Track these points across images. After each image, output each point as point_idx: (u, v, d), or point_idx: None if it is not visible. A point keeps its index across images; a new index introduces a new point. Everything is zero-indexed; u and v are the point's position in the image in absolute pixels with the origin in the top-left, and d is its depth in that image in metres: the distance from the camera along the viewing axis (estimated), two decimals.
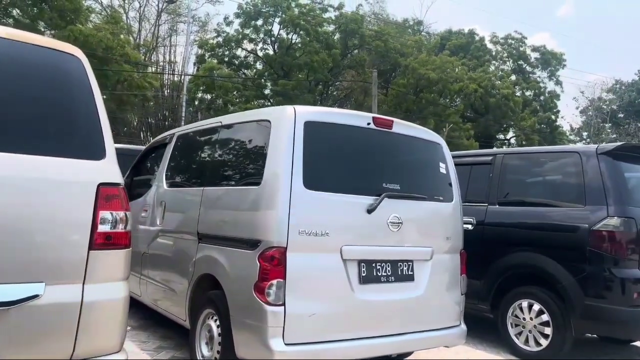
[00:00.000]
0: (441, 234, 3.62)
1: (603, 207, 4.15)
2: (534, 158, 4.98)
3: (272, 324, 2.85)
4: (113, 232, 2.09)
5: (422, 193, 3.54)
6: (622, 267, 4.04)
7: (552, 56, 42.89)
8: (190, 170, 4.20)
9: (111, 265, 2.11)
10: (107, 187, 2.10)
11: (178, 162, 4.33)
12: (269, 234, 2.93)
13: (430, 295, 3.46)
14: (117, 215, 2.12)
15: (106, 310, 2.08)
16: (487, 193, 5.02)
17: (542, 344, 4.39)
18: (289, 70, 34.62)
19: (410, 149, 3.63)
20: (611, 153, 4.32)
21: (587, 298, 4.11)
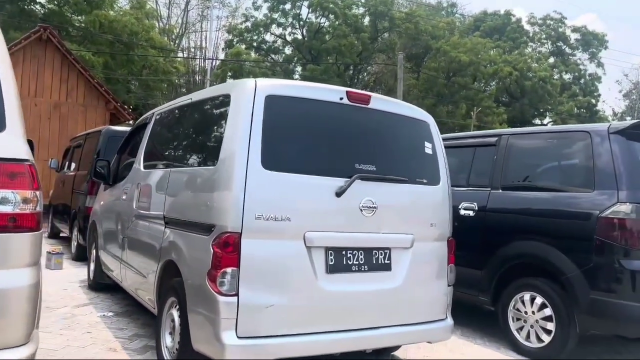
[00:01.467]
0: (424, 220, 3.32)
1: (613, 192, 3.75)
2: (542, 138, 4.56)
3: (224, 316, 2.63)
4: (17, 213, 1.90)
5: (402, 175, 3.23)
6: (633, 258, 3.64)
7: (594, 37, 41.02)
8: (161, 151, 4.01)
9: (15, 250, 1.92)
10: (8, 163, 1.90)
11: (153, 143, 4.15)
12: (222, 218, 2.71)
13: (410, 286, 3.17)
14: (22, 195, 1.92)
15: (7, 299, 1.89)
16: (490, 177, 4.65)
17: (544, 340, 4.04)
18: (318, 54, 34.24)
19: (390, 126, 3.32)
20: (625, 132, 3.89)
21: (593, 292, 3.73)
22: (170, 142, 3.87)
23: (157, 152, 4.04)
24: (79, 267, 6.60)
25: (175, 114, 3.89)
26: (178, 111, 3.82)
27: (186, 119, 3.60)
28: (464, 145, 5.13)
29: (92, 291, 5.37)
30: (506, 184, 4.52)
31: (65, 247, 7.46)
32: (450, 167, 5.18)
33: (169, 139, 3.93)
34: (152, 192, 3.77)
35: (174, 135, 3.83)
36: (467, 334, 4.74)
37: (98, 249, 5.20)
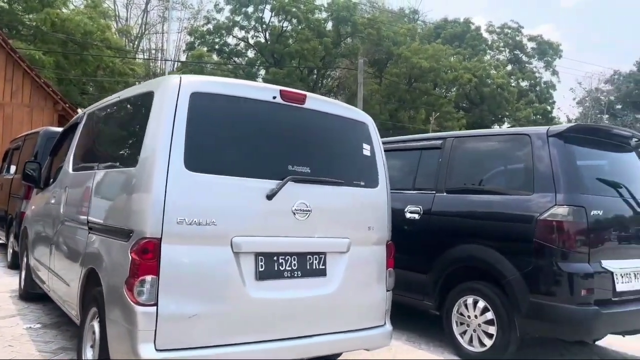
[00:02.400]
0: (361, 223, 3.23)
1: (552, 194, 3.76)
2: (484, 141, 4.56)
3: (142, 327, 2.46)
4: None
5: (339, 177, 3.13)
6: (570, 260, 3.65)
7: (549, 46, 42.39)
8: (89, 152, 3.80)
9: None
10: None
11: (82, 144, 3.93)
12: (141, 222, 2.54)
13: (346, 292, 3.07)
14: None
15: None
16: (435, 180, 4.62)
17: (486, 344, 4.01)
18: (281, 58, 34.09)
19: (326, 127, 3.22)
20: (563, 135, 3.91)
21: (532, 295, 3.73)
22: (97, 143, 3.67)
23: (85, 154, 3.82)
24: (13, 276, 6.23)
25: (103, 113, 3.68)
26: (106, 110, 3.62)
27: (112, 118, 3.42)
28: (411, 148, 5.09)
29: (22, 301, 5.06)
30: (450, 186, 4.50)
31: (2, 255, 7.06)
32: (397, 170, 5.16)
33: (96, 139, 3.73)
34: (77, 195, 3.56)
35: (101, 136, 3.64)
36: (412, 339, 4.68)
37: (29, 257, 4.90)
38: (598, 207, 3.79)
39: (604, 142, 4.24)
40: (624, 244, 4.04)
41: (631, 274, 3.96)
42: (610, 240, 3.92)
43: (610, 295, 3.78)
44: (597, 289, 3.68)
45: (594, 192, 3.89)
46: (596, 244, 3.76)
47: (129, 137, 3.08)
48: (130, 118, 3.17)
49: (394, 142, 5.41)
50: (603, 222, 3.85)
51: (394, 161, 5.18)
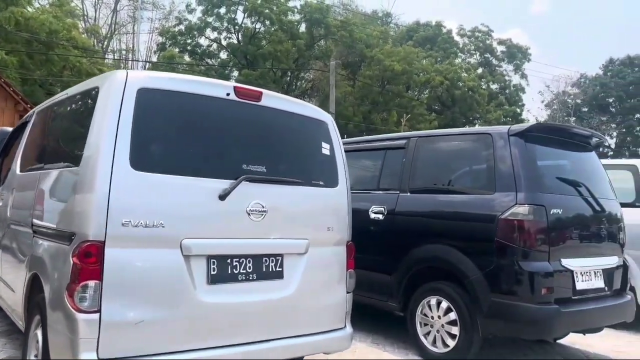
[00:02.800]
0: (320, 224, 3.15)
1: (512, 193, 3.75)
2: (447, 141, 4.54)
3: (83, 335, 2.33)
4: None
5: (297, 177, 3.06)
6: (531, 259, 3.65)
7: (518, 49, 43.18)
8: (35, 152, 3.63)
9: None
10: None
11: (30, 143, 3.75)
12: (83, 225, 2.41)
13: (304, 294, 2.99)
14: None
15: None
16: (399, 180, 4.58)
17: (450, 345, 3.98)
18: (254, 59, 33.85)
19: (284, 125, 3.14)
20: (524, 135, 3.92)
21: (494, 294, 3.71)
22: (44, 142, 3.51)
23: (32, 154, 3.65)
24: None
25: (51, 111, 3.52)
26: (54, 108, 3.46)
27: (59, 116, 3.27)
28: (375, 148, 5.05)
29: None
30: (414, 186, 4.46)
31: None
32: (362, 170, 5.11)
33: (43, 138, 3.57)
34: (23, 197, 3.39)
35: (48, 134, 3.48)
36: (378, 341, 4.63)
37: None
38: (558, 206, 3.81)
39: (564, 142, 4.26)
40: (583, 243, 4.07)
41: (591, 272, 3.99)
42: (570, 239, 3.94)
43: (571, 293, 3.79)
44: (557, 287, 3.69)
45: (554, 191, 3.91)
46: (556, 243, 3.77)
47: (74, 135, 2.93)
48: (76, 115, 3.03)
49: (359, 142, 5.37)
50: (563, 221, 3.86)
51: (359, 161, 5.16)
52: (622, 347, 4.90)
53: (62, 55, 19.70)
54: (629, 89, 43.41)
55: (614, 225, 4.33)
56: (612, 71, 44.96)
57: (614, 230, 4.31)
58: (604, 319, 4.13)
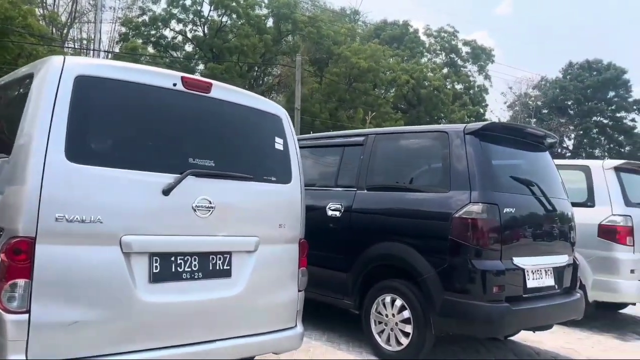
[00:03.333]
0: (272, 221, 3.07)
1: (467, 192, 3.76)
2: (404, 138, 4.54)
3: (11, 337, 2.19)
4: None
5: (247, 172, 2.96)
6: (483, 258, 3.66)
7: (482, 51, 43.99)
8: None
9: None
10: None
11: None
12: (12, 219, 2.26)
13: (253, 293, 2.91)
14: None
15: None
16: (357, 177, 4.54)
17: (403, 343, 3.97)
18: (220, 53, 33.35)
19: (235, 119, 3.04)
20: (479, 133, 3.93)
21: (447, 292, 3.72)
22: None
23: None
24: None
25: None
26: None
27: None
28: (334, 144, 4.99)
29: None
30: (371, 184, 4.43)
31: None
32: (321, 167, 5.05)
33: None
34: None
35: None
36: (333, 340, 4.59)
37: None
38: (511, 205, 3.84)
39: (519, 141, 4.31)
40: (535, 242, 4.12)
41: (542, 270, 4.05)
42: (522, 238, 3.98)
43: (521, 291, 3.83)
44: (509, 286, 3.72)
45: (507, 190, 3.94)
46: (509, 242, 3.80)
47: (8, 124, 2.76)
48: (10, 103, 2.85)
49: (318, 138, 5.31)
50: (516, 220, 3.90)
51: (318, 157, 5.10)
52: (572, 343, 5.01)
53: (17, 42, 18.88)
54: (587, 92, 44.94)
55: (565, 225, 4.40)
56: (571, 74, 46.44)
57: (565, 230, 4.39)
58: (554, 317, 4.20)
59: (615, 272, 5.47)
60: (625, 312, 6.67)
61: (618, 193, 5.65)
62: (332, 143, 5.01)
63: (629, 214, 5.56)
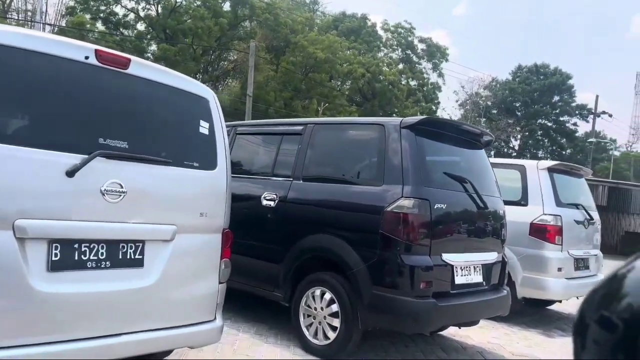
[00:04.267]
0: (192, 208, 2.91)
1: (399, 186, 3.72)
2: (342, 130, 4.46)
3: None
4: None
5: (166, 156, 2.79)
6: (412, 253, 3.64)
7: (437, 49, 44.71)
8: None
9: None
10: None
11: None
12: None
13: (167, 284, 2.75)
14: None
15: None
16: (294, 166, 4.42)
17: (330, 337, 3.91)
18: (173, 34, 32.36)
19: (154, 98, 2.85)
20: (415, 128, 3.89)
21: (375, 287, 3.68)
22: None
23: None
24: None
25: None
26: None
27: None
28: (273, 132, 4.86)
29: None
30: (307, 174, 4.32)
31: None
32: (259, 155, 4.90)
33: None
34: None
35: None
36: (261, 332, 4.48)
37: None
38: (443, 200, 3.83)
39: (455, 138, 4.31)
40: (465, 238, 4.15)
41: (471, 267, 4.08)
42: (452, 234, 3.99)
43: (449, 287, 3.84)
44: (437, 281, 3.72)
45: (440, 185, 3.93)
46: (438, 237, 3.80)
47: None
48: None
49: (257, 125, 5.15)
50: (446, 216, 3.90)
51: (256, 145, 4.94)
52: (499, 338, 5.12)
53: None
54: (534, 95, 46.63)
55: (497, 222, 4.46)
56: (520, 77, 48.01)
57: (496, 227, 4.45)
58: (481, 313, 4.25)
59: (543, 270, 5.63)
60: (552, 309, 6.92)
61: (550, 193, 5.81)
62: (272, 131, 4.87)
63: (559, 213, 5.73)
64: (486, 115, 49.27)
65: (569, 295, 5.80)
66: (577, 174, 6.54)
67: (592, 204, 6.56)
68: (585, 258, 6.11)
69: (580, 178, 6.62)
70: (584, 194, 6.53)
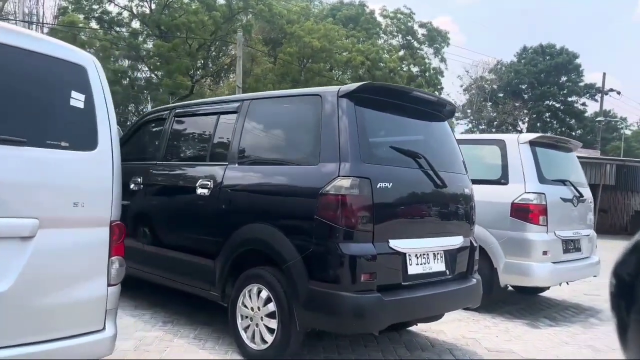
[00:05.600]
0: (60, 198, 2.41)
1: (335, 164, 3.20)
2: (279, 103, 3.92)
3: None
4: None
5: (20, 134, 2.29)
6: (352, 241, 3.12)
7: (438, 33, 43.87)
8: None
9: None
10: None
11: None
12: None
13: (27, 291, 2.26)
14: None
15: None
16: (229, 149, 3.91)
17: (268, 341, 3.42)
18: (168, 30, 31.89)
19: (14, 66, 2.35)
20: (354, 96, 3.36)
21: (312, 282, 3.17)
22: None
23: None
24: None
25: None
26: None
27: None
28: (210, 112, 4.34)
29: None
30: (242, 157, 3.82)
31: None
32: (194, 139, 4.40)
33: None
34: None
35: None
36: (201, 336, 4.01)
37: None
38: (388, 179, 3.30)
39: (407, 107, 3.76)
40: (421, 221, 3.62)
41: (429, 254, 3.55)
42: (402, 217, 3.46)
43: (400, 279, 3.32)
44: (382, 273, 3.20)
45: (386, 162, 3.40)
46: (384, 222, 3.27)
47: None
48: None
49: (194, 105, 4.64)
50: (393, 197, 3.37)
51: (192, 128, 4.45)
52: (476, 332, 4.59)
53: None
54: (540, 76, 45.58)
55: (462, 203, 3.92)
56: (526, 59, 46.96)
57: (460, 208, 3.91)
58: (443, 306, 3.73)
59: (526, 254, 5.09)
60: (544, 296, 6.36)
61: (532, 169, 5.25)
62: (209, 111, 4.35)
63: (542, 191, 5.17)
64: (492, 99, 48.31)
65: (556, 281, 5.26)
66: (565, 147, 5.95)
67: (582, 180, 5.97)
68: (576, 239, 5.54)
69: (569, 152, 6.03)
70: (574, 170, 5.94)
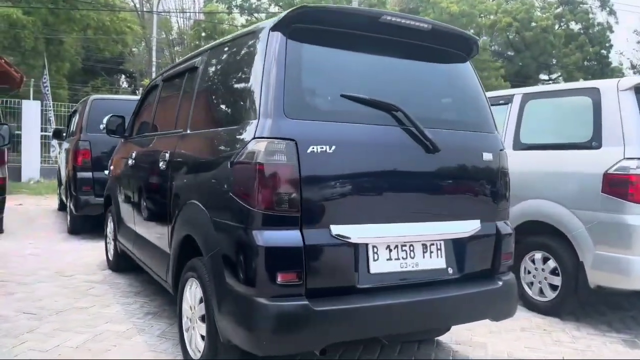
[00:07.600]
0: None
1: (254, 122, 2.36)
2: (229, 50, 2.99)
3: None
4: None
5: None
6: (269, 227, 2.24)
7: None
8: None
9: None
10: None
11: None
12: None
13: None
14: None
15: None
16: (187, 114, 3.26)
17: (200, 349, 2.74)
18: None
19: None
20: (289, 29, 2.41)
21: (228, 280, 2.39)
22: None
23: None
24: None
25: None
26: None
27: None
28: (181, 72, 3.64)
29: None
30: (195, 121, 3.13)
31: None
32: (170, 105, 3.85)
33: None
34: None
35: None
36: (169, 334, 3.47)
37: None
38: (328, 140, 2.33)
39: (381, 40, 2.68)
40: (396, 199, 2.54)
41: (414, 245, 2.52)
42: (358, 194, 2.41)
43: (354, 280, 2.36)
44: (318, 271, 2.28)
45: (331, 116, 2.43)
46: (320, 200, 2.32)
47: None
48: None
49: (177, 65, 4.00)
50: (339, 165, 2.35)
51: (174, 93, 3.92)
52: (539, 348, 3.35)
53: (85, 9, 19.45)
54: None
55: (479, 173, 2.76)
56: None
57: (476, 180, 2.75)
58: (437, 317, 2.63)
59: (625, 244, 3.62)
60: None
61: (636, 126, 3.69)
62: (180, 70, 3.70)
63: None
64: None
65: None
66: None
67: None
68: None
69: None
70: None
